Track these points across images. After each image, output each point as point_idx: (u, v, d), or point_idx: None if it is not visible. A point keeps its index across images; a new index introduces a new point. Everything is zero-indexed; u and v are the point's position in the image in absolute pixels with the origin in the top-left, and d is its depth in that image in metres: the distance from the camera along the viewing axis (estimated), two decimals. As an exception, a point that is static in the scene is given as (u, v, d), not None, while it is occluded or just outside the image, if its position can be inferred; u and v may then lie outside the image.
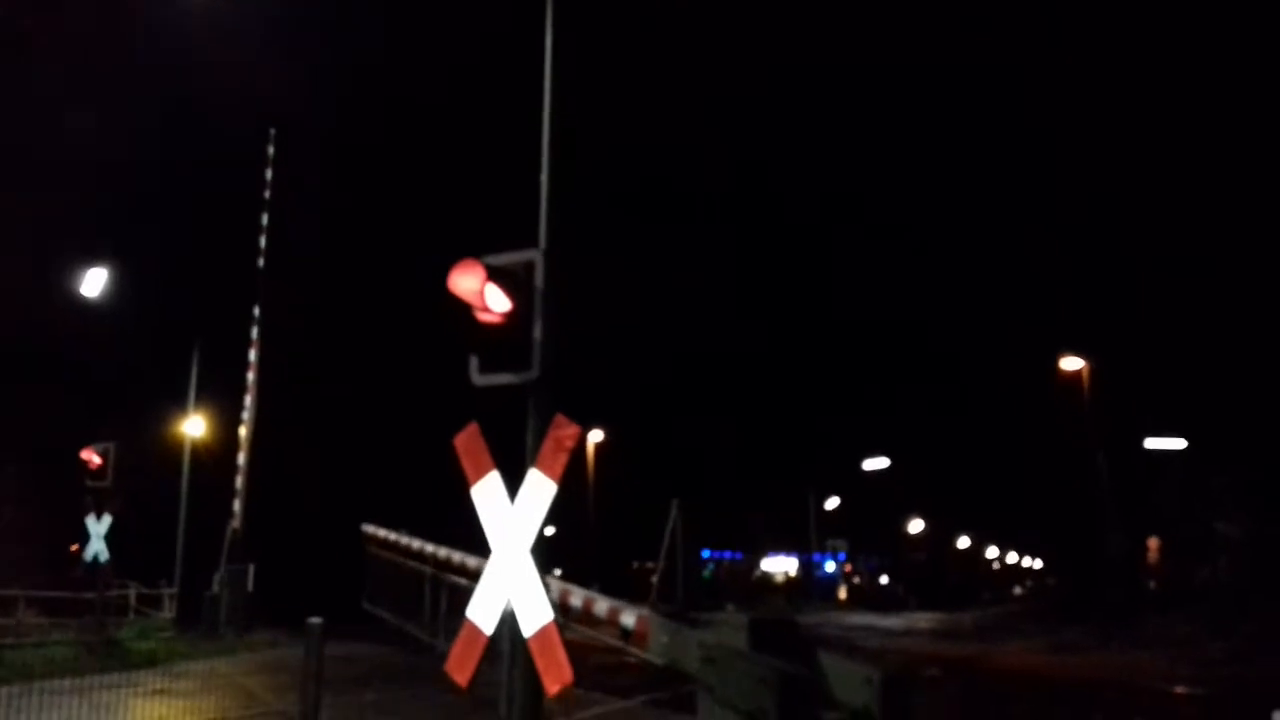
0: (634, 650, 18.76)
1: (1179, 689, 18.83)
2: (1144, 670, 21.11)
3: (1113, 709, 17.81)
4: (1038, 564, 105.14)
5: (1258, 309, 45.82)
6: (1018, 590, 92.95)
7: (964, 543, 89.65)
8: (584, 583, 40.35)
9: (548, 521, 6.16)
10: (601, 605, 24.33)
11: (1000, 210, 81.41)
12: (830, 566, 67.33)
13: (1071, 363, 35.21)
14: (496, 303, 6.40)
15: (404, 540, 34.46)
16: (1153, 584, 46.42)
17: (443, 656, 6.91)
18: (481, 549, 6.36)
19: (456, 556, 26.81)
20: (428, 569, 19.45)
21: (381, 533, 36.39)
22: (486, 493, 6.33)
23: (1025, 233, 75.29)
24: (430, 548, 31.19)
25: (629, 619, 22.52)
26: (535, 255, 6.77)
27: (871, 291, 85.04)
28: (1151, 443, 41.26)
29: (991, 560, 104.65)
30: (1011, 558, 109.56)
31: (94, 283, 25.11)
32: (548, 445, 6.07)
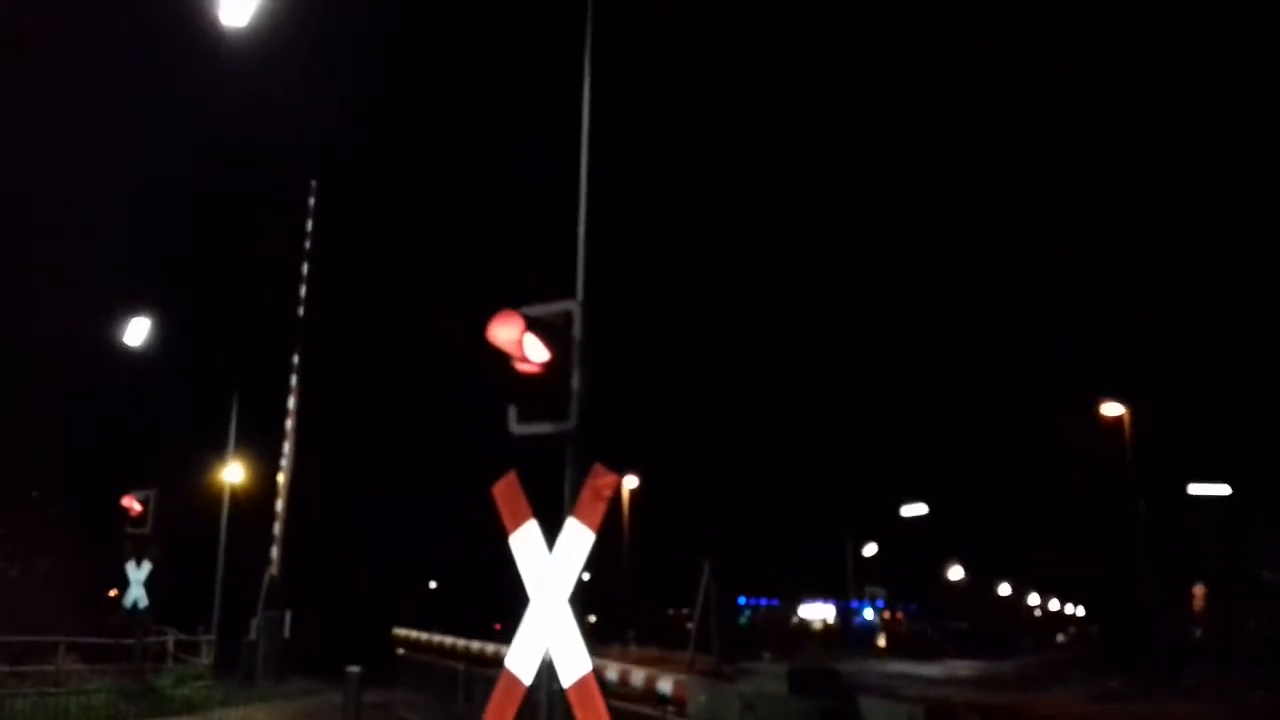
0: (673, 718, 18.68)
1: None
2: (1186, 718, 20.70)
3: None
4: (1080, 611, 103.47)
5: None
6: (1060, 638, 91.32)
7: (1005, 590, 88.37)
8: (618, 629, 40.33)
9: (583, 568, 6.17)
10: (638, 676, 24.32)
11: (1047, 251, 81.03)
12: (869, 614, 66.51)
13: (1112, 408, 34.82)
14: (535, 353, 6.46)
15: (435, 639, 34.69)
16: (1198, 632, 45.53)
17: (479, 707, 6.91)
18: (518, 599, 6.37)
19: (490, 648, 26.96)
20: (460, 665, 19.40)
21: (413, 634, 36.69)
22: (525, 542, 6.36)
23: (1069, 277, 74.87)
24: (462, 643, 31.41)
25: (666, 686, 22.49)
26: (573, 306, 6.83)
27: (910, 336, 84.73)
28: (1195, 489, 40.64)
29: (1033, 607, 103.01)
30: (1054, 605, 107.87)
31: (137, 332, 25.49)
32: (586, 494, 6.10)
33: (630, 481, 46.44)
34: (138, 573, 20.94)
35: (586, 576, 6.31)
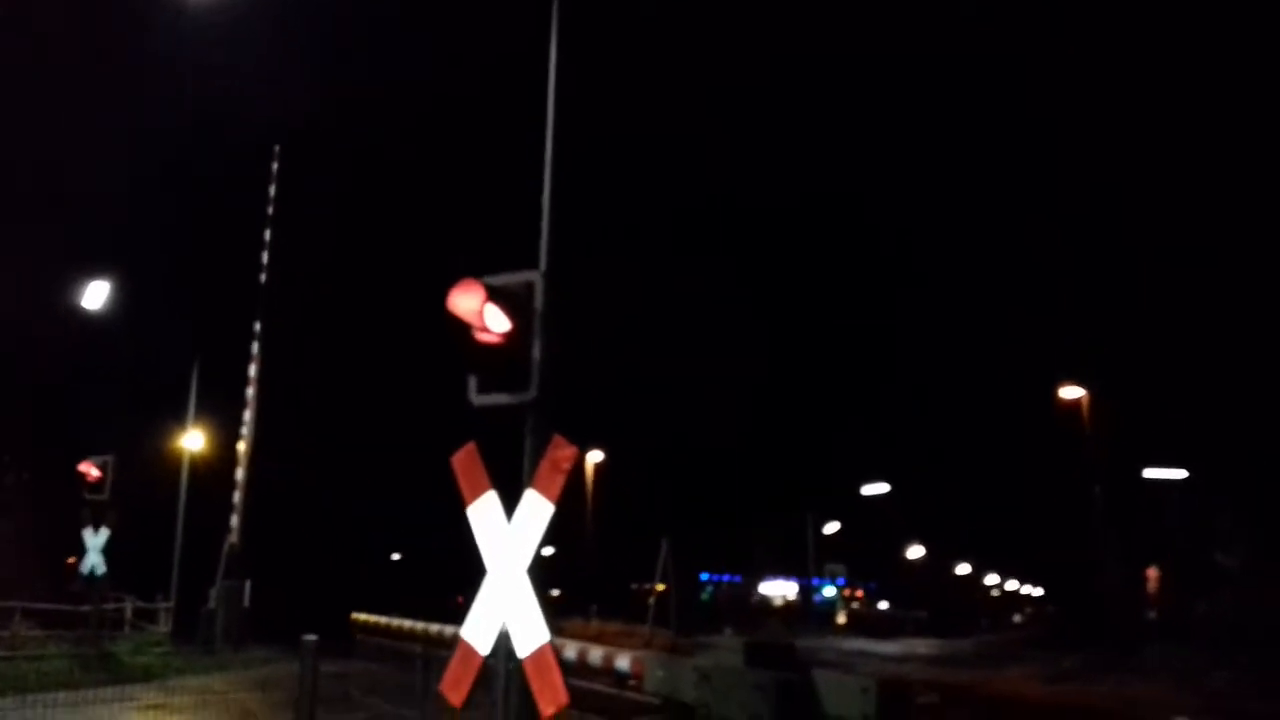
0: (632, 694, 18.77)
1: (1179, 719, 18.72)
2: (1144, 700, 20.98)
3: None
4: (1038, 592, 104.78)
5: (1261, 339, 45.83)
6: (1017, 618, 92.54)
7: (964, 569, 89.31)
8: (582, 603, 40.44)
9: (545, 542, 6.15)
10: (595, 654, 24.41)
11: (1002, 235, 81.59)
12: (829, 591, 67.03)
13: (1071, 391, 35.14)
14: (496, 323, 6.40)
15: (394, 622, 34.78)
16: (1153, 614, 46.21)
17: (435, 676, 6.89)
18: (476, 569, 6.34)
19: (449, 630, 26.92)
20: (418, 648, 19.31)
21: (372, 619, 36.75)
22: (483, 512, 6.32)
23: (1027, 260, 75.42)
24: (421, 625, 31.47)
25: (624, 663, 22.61)
26: (535, 276, 6.78)
27: (873, 316, 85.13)
28: (1151, 472, 41.17)
29: (991, 587, 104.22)
30: (1011, 585, 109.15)
31: (96, 296, 25.15)
32: (545, 466, 6.07)
33: (595, 456, 46.44)
34: (95, 539, 20.72)
35: (549, 551, 6.29)
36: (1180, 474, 41.19)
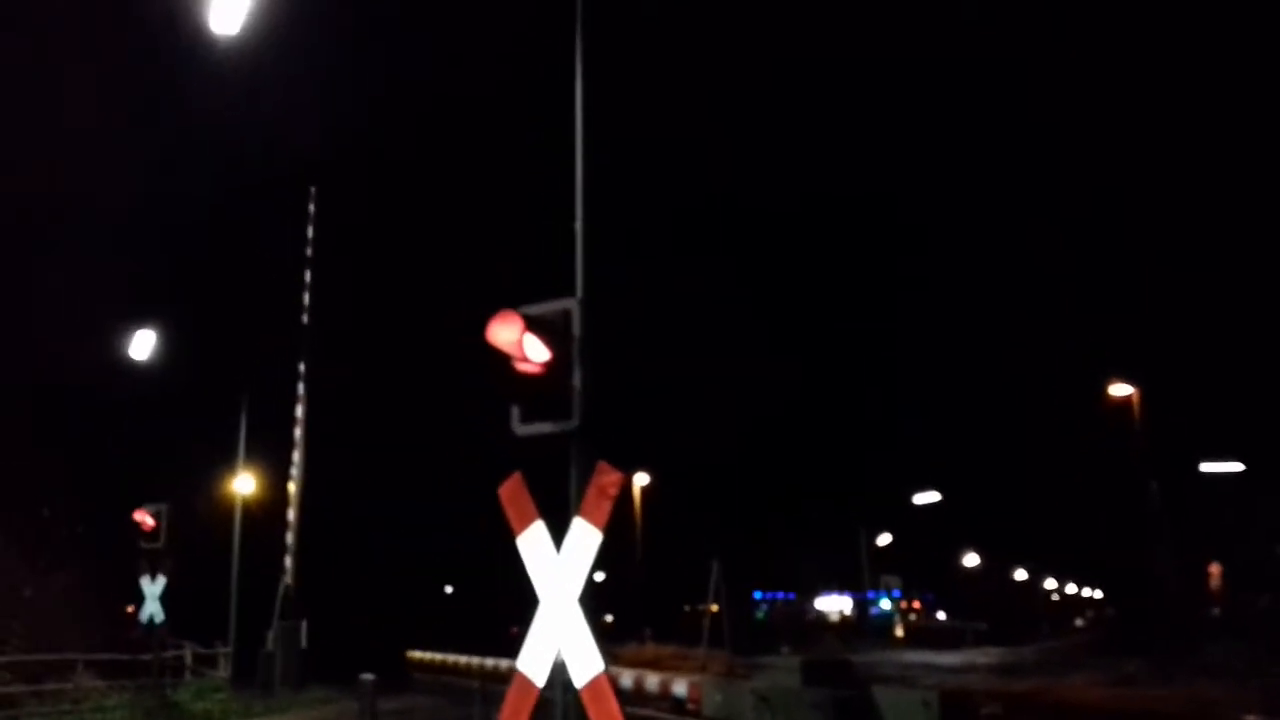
0: (690, 719, 18.67)
1: (1249, 717, 18.34)
2: (1211, 700, 20.56)
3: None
4: (1098, 594, 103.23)
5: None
6: (1079, 622, 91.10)
7: (1021, 575, 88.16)
8: (635, 628, 40.28)
9: (596, 567, 6.12)
10: (652, 680, 24.37)
11: (1048, 237, 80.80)
12: (885, 604, 66.40)
13: (1120, 389, 34.66)
14: (535, 353, 6.42)
15: (450, 658, 35.01)
16: (1215, 611, 45.35)
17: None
18: (529, 599, 6.33)
19: (505, 664, 27.12)
20: (475, 683, 19.39)
21: (428, 656, 37.00)
22: (532, 543, 6.31)
23: (1074, 261, 74.68)
24: (477, 661, 31.64)
25: (681, 688, 22.53)
26: (572, 304, 6.79)
27: (918, 324, 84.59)
28: (1207, 467, 40.50)
29: (1050, 592, 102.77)
30: (1071, 589, 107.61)
31: (142, 345, 25.49)
32: (591, 493, 6.05)
33: (641, 479, 46.38)
34: (153, 587, 20.96)
35: (600, 576, 6.26)
36: (1237, 467, 40.48)
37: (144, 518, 21.52)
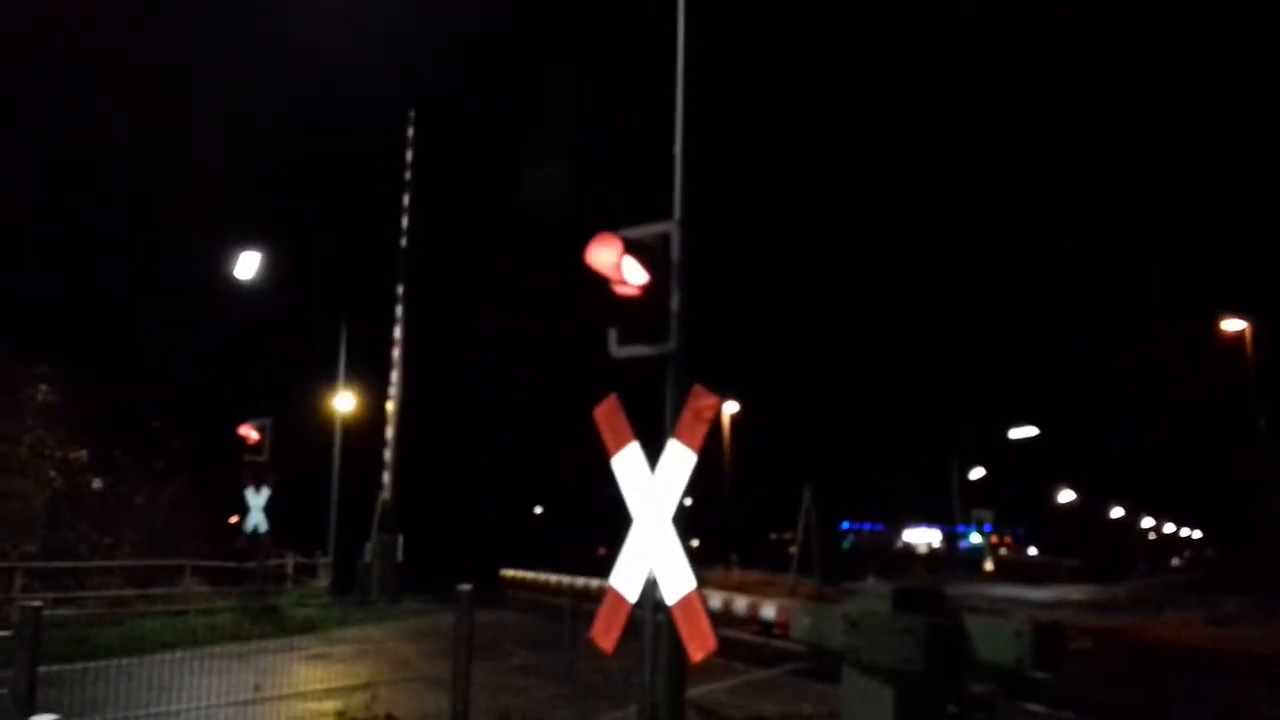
0: (778, 642, 18.83)
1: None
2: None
3: (1278, 682, 17.09)
4: (1197, 534, 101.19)
5: None
6: (1175, 562, 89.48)
7: (1117, 513, 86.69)
8: (722, 554, 40.65)
9: (686, 493, 6.18)
10: (740, 603, 24.58)
11: (1152, 166, 78.06)
12: (975, 538, 65.86)
13: (1233, 324, 33.55)
14: (634, 275, 6.44)
15: (542, 577, 35.78)
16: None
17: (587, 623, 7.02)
18: (622, 523, 6.42)
19: (595, 584, 27.63)
20: (565, 601, 19.74)
21: (520, 574, 37.85)
22: (627, 463, 6.38)
23: (1185, 193, 72.02)
24: (567, 580, 32.28)
25: (769, 611, 22.68)
26: (671, 227, 6.78)
27: (1021, 256, 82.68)
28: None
29: (1147, 530, 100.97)
30: (1169, 528, 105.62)
31: (247, 266, 26.11)
32: (686, 416, 6.09)
33: (731, 407, 46.40)
34: (257, 498, 21.72)
35: (689, 502, 6.32)
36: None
37: (249, 432, 22.26)
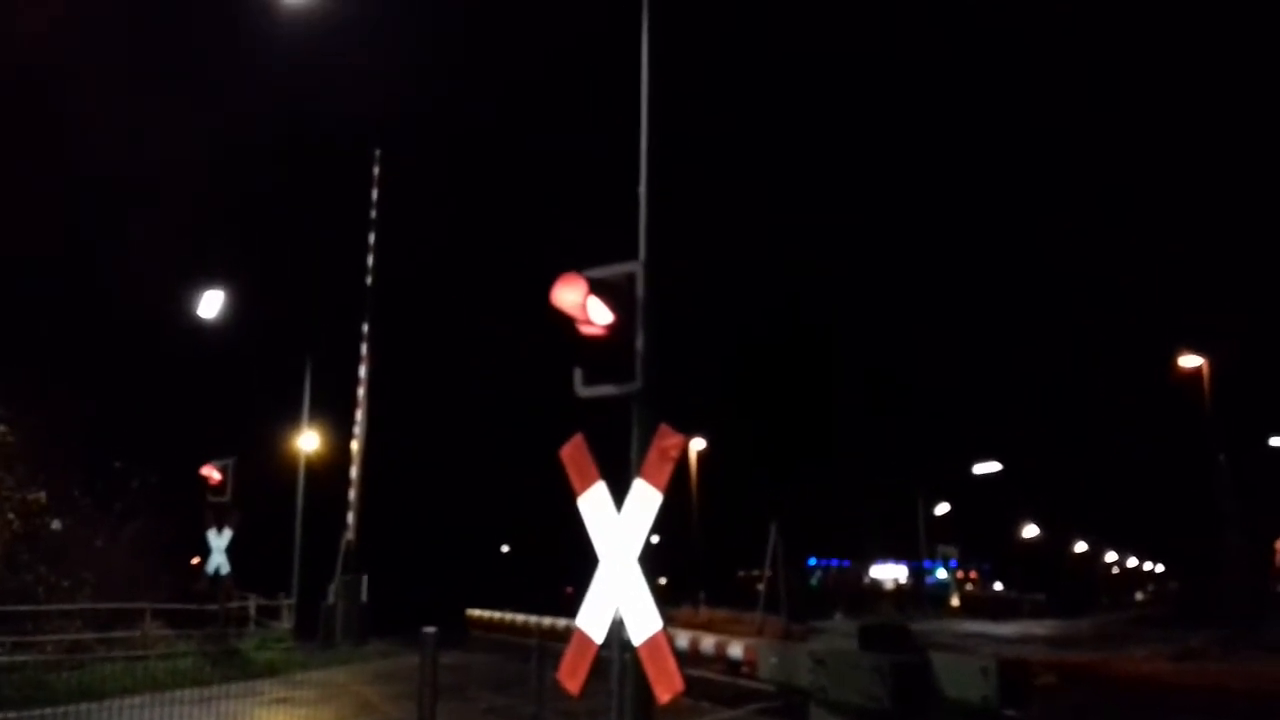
0: (746, 681, 18.76)
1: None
2: (1273, 677, 20.28)
3: (1241, 716, 17.19)
4: (1159, 568, 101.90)
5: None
6: (1139, 596, 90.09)
7: (1081, 547, 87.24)
8: (690, 592, 40.53)
9: (653, 530, 6.18)
10: (707, 642, 24.50)
11: (1114, 203, 79.25)
12: (941, 573, 66.01)
13: (1190, 360, 33.99)
14: (599, 315, 6.46)
15: (508, 617, 35.63)
16: (1281, 588, 44.61)
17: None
18: (589, 562, 6.40)
19: (562, 623, 27.56)
20: (533, 641, 19.64)
21: (486, 614, 37.68)
22: (593, 503, 6.38)
23: (1146, 229, 73.19)
24: (534, 619, 32.18)
25: (737, 650, 22.60)
26: (636, 267, 6.81)
27: (983, 292, 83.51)
28: (1277, 441, 39.71)
29: (1110, 565, 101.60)
30: (1132, 562, 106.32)
31: (211, 304, 25.95)
32: (652, 455, 6.10)
33: (698, 444, 46.41)
34: (219, 540, 21.49)
35: (656, 539, 6.32)
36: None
37: (211, 472, 22.06)
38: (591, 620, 6.29)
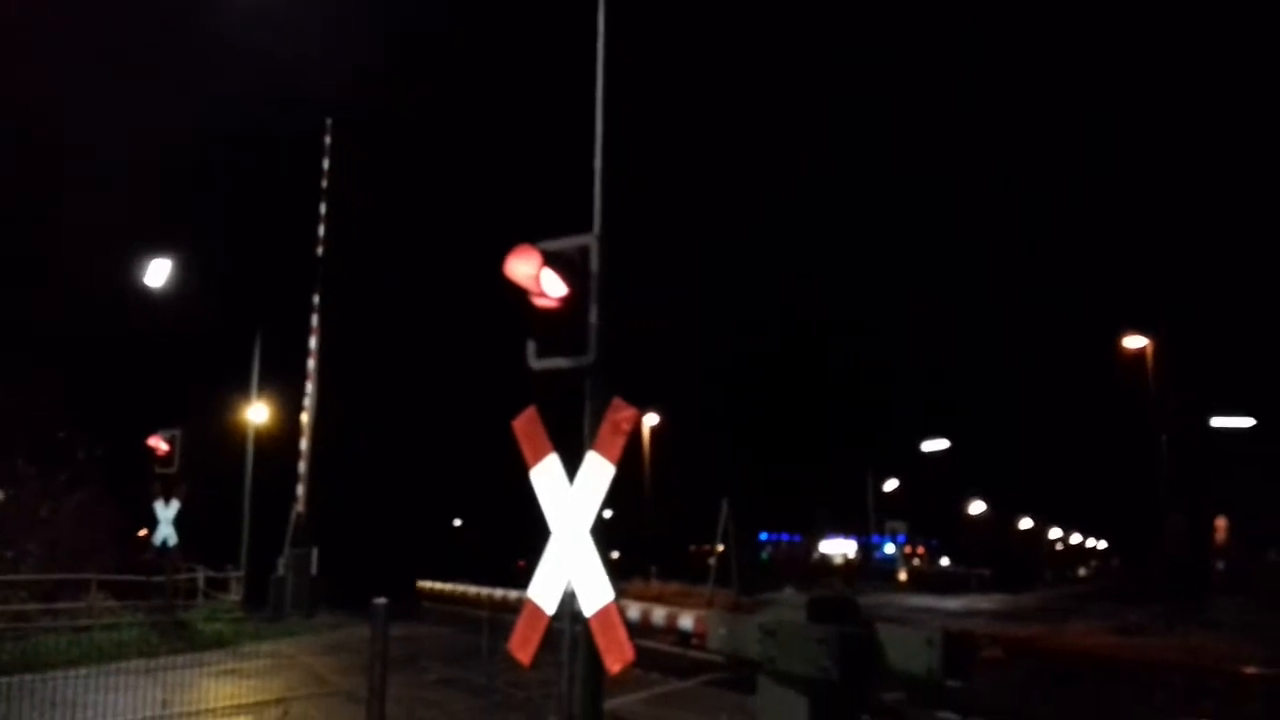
0: (695, 652, 18.92)
1: (1249, 669, 18.52)
2: (1211, 652, 20.77)
3: (1179, 689, 17.60)
4: (1102, 545, 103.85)
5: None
6: (1082, 571, 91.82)
7: (1026, 524, 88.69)
8: (641, 566, 40.75)
9: (605, 505, 6.20)
10: (658, 614, 24.67)
11: (1062, 186, 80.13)
12: (890, 549, 66.84)
13: (1134, 341, 34.50)
14: (553, 288, 6.45)
15: (459, 588, 35.70)
16: (1221, 565, 45.59)
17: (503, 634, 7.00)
18: (540, 535, 6.41)
19: (513, 595, 27.63)
20: (483, 613, 19.67)
21: (437, 585, 37.70)
22: (545, 475, 6.39)
23: (1091, 212, 74.08)
24: (485, 591, 32.23)
25: (687, 622, 22.77)
26: (590, 240, 6.80)
27: (933, 272, 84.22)
28: (1218, 421, 40.47)
29: (1055, 541, 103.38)
30: (1075, 539, 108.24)
31: (158, 273, 25.55)
32: (605, 428, 6.11)
33: (651, 418, 46.51)
34: (166, 511, 21.24)
35: (609, 514, 6.34)
36: (1248, 422, 40.45)
37: (158, 443, 21.75)
38: (543, 592, 6.30)
